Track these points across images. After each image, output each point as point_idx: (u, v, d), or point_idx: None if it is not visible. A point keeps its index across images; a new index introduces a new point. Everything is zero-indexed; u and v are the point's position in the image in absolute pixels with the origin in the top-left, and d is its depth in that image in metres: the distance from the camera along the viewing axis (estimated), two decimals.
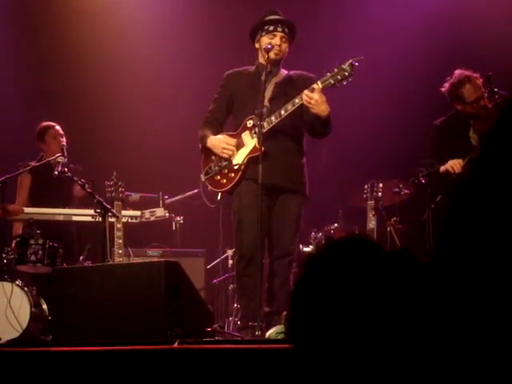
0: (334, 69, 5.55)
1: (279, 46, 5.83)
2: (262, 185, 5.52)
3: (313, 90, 5.54)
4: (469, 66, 6.41)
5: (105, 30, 9.01)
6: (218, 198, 5.98)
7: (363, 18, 8.55)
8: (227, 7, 8.79)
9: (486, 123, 6.14)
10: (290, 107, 5.64)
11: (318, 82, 5.55)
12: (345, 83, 5.54)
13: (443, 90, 6.45)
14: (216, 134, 5.98)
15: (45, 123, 7.58)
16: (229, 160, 5.88)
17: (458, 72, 6.37)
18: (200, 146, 6.03)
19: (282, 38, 5.86)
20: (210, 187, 6.00)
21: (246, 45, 6.08)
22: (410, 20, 8.42)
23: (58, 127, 7.53)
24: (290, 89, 5.82)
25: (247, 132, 5.84)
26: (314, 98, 5.53)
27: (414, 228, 7.09)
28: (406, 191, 7.09)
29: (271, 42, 5.82)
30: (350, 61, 5.51)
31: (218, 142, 5.92)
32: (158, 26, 9.06)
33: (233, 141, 5.87)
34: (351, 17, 8.57)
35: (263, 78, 5.71)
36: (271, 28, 5.88)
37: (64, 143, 7.25)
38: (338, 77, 5.52)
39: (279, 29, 5.87)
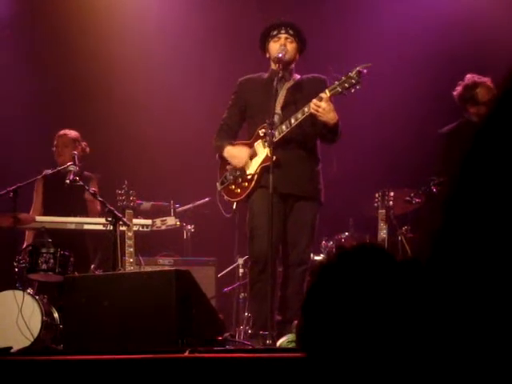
0: (342, 77, 5.55)
1: (284, 45, 5.84)
2: (276, 193, 5.53)
3: (321, 99, 5.55)
4: (481, 72, 6.42)
5: (119, 39, 9.02)
6: (234, 207, 5.99)
7: (373, 25, 8.54)
8: (238, 13, 8.79)
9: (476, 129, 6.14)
10: (299, 116, 5.65)
11: (326, 91, 5.57)
12: (353, 91, 5.54)
13: (455, 93, 6.47)
14: (231, 142, 6.00)
15: (60, 131, 7.62)
16: (242, 170, 5.90)
17: (470, 75, 6.42)
18: (217, 155, 6.05)
19: (286, 38, 5.89)
20: (225, 197, 6.02)
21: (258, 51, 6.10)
22: (421, 26, 8.42)
23: (70, 135, 7.55)
24: (302, 94, 5.83)
25: (260, 141, 5.85)
26: (321, 107, 5.53)
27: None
28: (417, 200, 7.08)
29: (277, 46, 5.84)
30: (358, 68, 5.52)
31: (232, 151, 5.93)
32: (170, 34, 9.06)
33: (247, 151, 5.88)
34: (361, 23, 8.57)
35: (275, 84, 5.72)
36: (275, 32, 5.93)
37: (75, 152, 7.26)
38: (346, 85, 5.53)
39: (282, 30, 5.90)
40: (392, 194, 7.36)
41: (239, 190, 5.94)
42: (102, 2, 9.09)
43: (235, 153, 5.92)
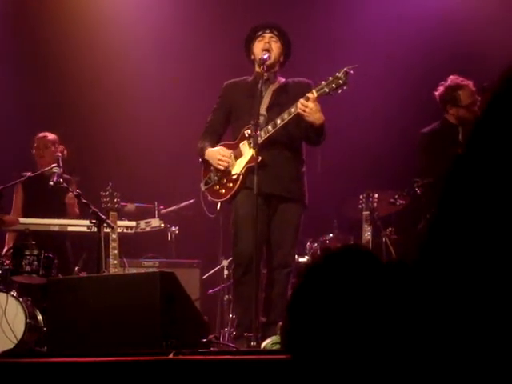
0: (329, 77, 5.56)
1: (269, 43, 5.85)
2: (261, 194, 5.53)
3: (308, 99, 5.55)
4: (466, 74, 6.47)
5: (102, 43, 9.01)
6: (218, 208, 5.99)
7: (359, 27, 8.57)
8: (226, 17, 8.80)
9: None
10: (286, 116, 5.65)
11: (313, 91, 5.57)
12: (339, 92, 5.55)
13: (436, 93, 6.51)
14: (215, 144, 6.00)
15: (39, 134, 7.61)
16: (227, 170, 5.89)
17: (453, 77, 6.46)
18: (200, 159, 6.05)
19: (270, 37, 5.90)
20: (209, 197, 6.01)
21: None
22: (407, 28, 8.44)
23: (50, 137, 7.55)
24: (287, 97, 5.83)
25: (245, 142, 5.85)
26: (308, 107, 5.54)
27: (409, 238, 7.09)
28: (401, 202, 7.10)
29: (261, 44, 5.85)
30: (345, 69, 5.53)
31: (214, 153, 5.93)
32: (155, 37, 9.06)
33: (228, 152, 5.89)
34: (346, 25, 8.59)
35: (259, 86, 5.72)
36: (259, 32, 5.94)
37: (59, 153, 7.25)
38: (333, 85, 5.53)
39: (267, 30, 5.92)
40: (376, 195, 7.39)
41: (224, 191, 5.94)
42: (89, 7, 9.07)
43: (218, 155, 5.92)
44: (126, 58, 8.99)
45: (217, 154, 5.92)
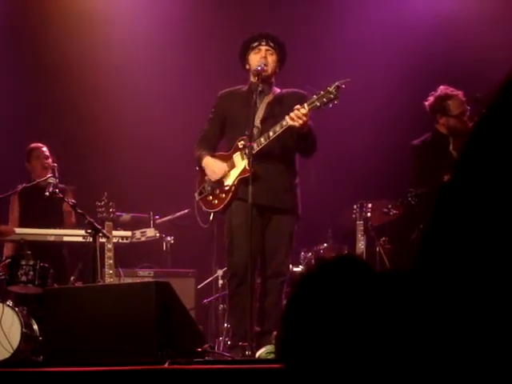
0: (320, 91, 5.56)
1: (265, 57, 5.87)
2: (254, 205, 5.54)
3: (298, 110, 5.54)
4: (459, 83, 6.53)
5: (100, 51, 9.02)
6: (211, 218, 6.01)
7: (351, 39, 8.60)
8: (222, 25, 8.82)
9: (465, 140, 6.21)
10: (277, 129, 5.66)
11: (305, 105, 5.57)
12: (330, 106, 5.55)
13: (427, 103, 6.55)
14: (212, 153, 6.02)
15: (32, 144, 7.62)
16: (220, 181, 5.92)
17: (442, 87, 6.51)
18: (197, 166, 6.07)
19: (267, 50, 5.92)
20: (203, 207, 6.04)
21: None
22: (400, 40, 8.47)
23: (43, 148, 7.57)
24: (281, 109, 5.84)
25: (238, 153, 5.88)
26: (302, 119, 5.53)
27: (403, 248, 7.11)
28: (394, 211, 7.13)
29: (257, 57, 5.87)
30: (337, 83, 5.53)
31: (211, 163, 5.95)
32: (153, 45, 9.07)
33: (223, 165, 5.90)
34: (339, 37, 8.62)
35: (254, 97, 5.75)
36: (255, 44, 5.95)
37: (54, 164, 7.27)
38: (324, 99, 5.53)
39: (263, 42, 5.93)
40: (370, 205, 7.40)
41: (216, 201, 5.96)
42: (88, 13, 9.08)
43: (213, 166, 5.94)
44: (122, 69, 8.99)
45: (213, 165, 5.95)
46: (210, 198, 6.00)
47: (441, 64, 8.07)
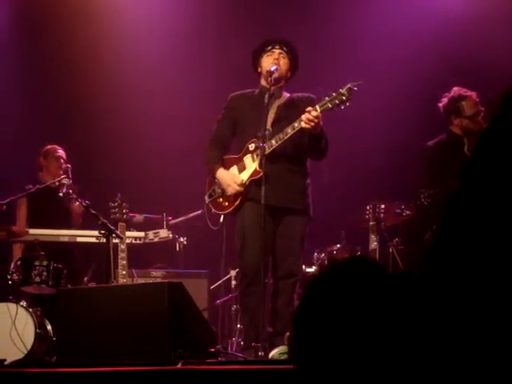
0: (332, 93, 5.56)
1: (278, 60, 5.88)
2: (266, 206, 5.54)
3: (310, 112, 5.54)
4: (471, 82, 6.52)
5: (109, 49, 9.04)
6: (221, 220, 6.02)
7: (364, 37, 8.58)
8: (230, 30, 8.82)
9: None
10: (289, 131, 5.66)
11: (316, 107, 5.57)
12: (342, 107, 5.55)
13: (440, 104, 6.54)
14: (222, 155, 6.02)
15: (49, 145, 7.64)
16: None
17: (456, 88, 6.50)
18: (208, 167, 6.07)
19: (280, 53, 5.92)
20: (213, 209, 6.05)
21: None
22: (412, 42, 8.45)
23: (60, 150, 7.59)
24: (292, 112, 5.83)
25: (249, 155, 5.88)
26: (313, 121, 5.53)
27: (415, 249, 7.10)
28: (407, 212, 7.10)
29: (270, 59, 5.88)
30: (349, 85, 5.52)
31: (226, 177, 5.93)
32: (166, 44, 9.08)
33: (236, 177, 5.89)
34: (352, 35, 8.60)
35: (266, 100, 5.75)
36: (269, 47, 5.96)
37: (68, 165, 7.27)
38: (336, 101, 5.53)
39: (277, 46, 5.94)
40: (383, 206, 7.39)
41: (227, 203, 5.97)
42: (100, 19, 9.09)
43: (227, 180, 5.92)
44: (135, 68, 9.00)
45: (227, 178, 5.94)
46: (221, 200, 6.00)
47: (455, 63, 8.04)
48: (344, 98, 5.50)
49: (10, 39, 9.13)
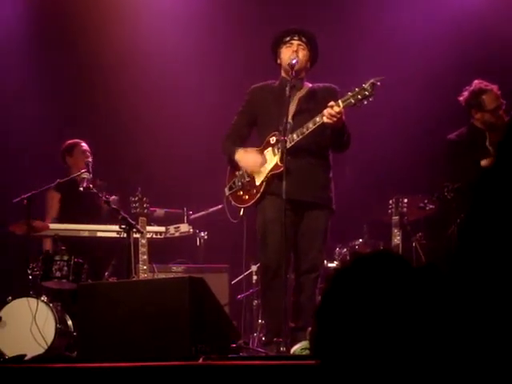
0: (355, 88, 5.52)
1: (297, 52, 5.83)
2: (287, 200, 5.51)
3: (332, 107, 5.51)
4: (491, 78, 6.46)
5: (129, 49, 9.05)
6: (241, 213, 5.98)
7: (386, 34, 8.54)
8: (245, 26, 8.81)
9: (501, 135, 6.15)
10: (310, 125, 5.63)
11: (339, 102, 5.53)
12: (365, 103, 5.51)
13: (461, 98, 6.50)
14: (238, 146, 5.99)
15: (73, 140, 7.65)
16: (252, 176, 5.89)
17: (477, 81, 6.45)
18: (227, 160, 6.03)
19: (299, 45, 5.88)
20: (233, 202, 6.01)
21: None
22: (433, 36, 8.41)
23: (84, 144, 7.60)
24: (313, 103, 5.81)
25: (270, 149, 5.85)
26: (336, 117, 5.49)
27: (439, 243, 7.05)
28: (431, 206, 7.07)
29: (289, 51, 5.83)
30: (372, 80, 5.49)
31: (243, 156, 5.91)
32: (187, 45, 9.08)
33: (258, 157, 5.86)
34: (374, 32, 8.56)
35: (287, 93, 5.70)
36: (287, 38, 5.92)
37: (90, 160, 7.28)
38: (359, 96, 5.50)
39: (295, 37, 5.90)
40: (406, 200, 7.35)
41: (247, 197, 5.94)
42: (116, 18, 9.11)
43: (248, 158, 5.90)
44: (161, 65, 9.02)
45: (247, 157, 5.90)
46: (241, 193, 5.97)
47: (475, 57, 7.98)
48: (367, 93, 5.47)
49: (30, 38, 9.14)
